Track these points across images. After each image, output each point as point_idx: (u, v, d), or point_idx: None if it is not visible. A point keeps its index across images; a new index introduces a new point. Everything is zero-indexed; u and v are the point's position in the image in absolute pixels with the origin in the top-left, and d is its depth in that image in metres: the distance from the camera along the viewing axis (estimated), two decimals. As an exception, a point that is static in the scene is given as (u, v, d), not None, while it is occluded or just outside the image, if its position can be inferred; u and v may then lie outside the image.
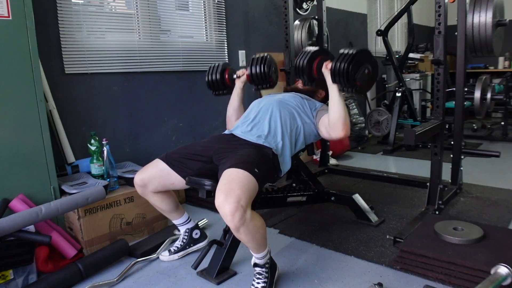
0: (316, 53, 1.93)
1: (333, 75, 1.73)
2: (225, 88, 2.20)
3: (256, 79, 2.08)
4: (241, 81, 2.14)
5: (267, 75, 2.06)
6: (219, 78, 2.15)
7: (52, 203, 1.72)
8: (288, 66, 2.92)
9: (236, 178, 1.43)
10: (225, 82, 2.18)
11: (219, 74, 2.15)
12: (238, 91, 2.16)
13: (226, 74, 2.18)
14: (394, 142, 3.91)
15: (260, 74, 2.06)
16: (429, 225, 1.90)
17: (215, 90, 2.21)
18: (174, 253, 1.94)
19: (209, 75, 2.17)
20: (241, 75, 2.14)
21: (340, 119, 1.75)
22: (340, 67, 1.68)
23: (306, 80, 1.93)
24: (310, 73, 1.92)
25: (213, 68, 2.18)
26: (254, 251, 1.54)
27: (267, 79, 2.07)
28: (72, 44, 2.36)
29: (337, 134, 1.78)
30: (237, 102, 2.15)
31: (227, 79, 2.18)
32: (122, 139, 2.65)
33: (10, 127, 1.80)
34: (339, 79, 1.71)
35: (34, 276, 1.70)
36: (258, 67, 2.05)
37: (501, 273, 1.40)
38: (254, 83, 2.11)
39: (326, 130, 1.85)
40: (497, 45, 2.38)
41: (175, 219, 1.95)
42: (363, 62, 1.73)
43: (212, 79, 2.16)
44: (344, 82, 1.71)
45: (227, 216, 1.35)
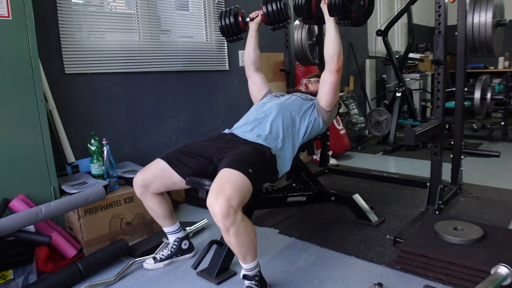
0: None
1: (329, 8, 1.80)
2: (240, 32, 2.17)
3: (272, 17, 2.04)
4: (256, 23, 2.14)
5: (283, 11, 2.01)
6: (233, 22, 2.12)
7: (52, 203, 1.72)
8: (288, 66, 2.92)
9: (228, 178, 1.43)
10: (239, 25, 2.14)
11: (232, 17, 2.12)
12: (253, 33, 2.16)
13: (239, 17, 2.14)
14: (394, 142, 3.91)
15: (276, 11, 2.02)
16: (429, 225, 1.90)
17: (230, 35, 2.18)
18: (160, 261, 1.87)
19: (222, 19, 2.13)
20: (255, 16, 2.14)
21: (335, 54, 1.84)
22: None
23: (306, 16, 1.95)
24: (309, 10, 1.96)
25: (226, 12, 2.14)
26: (242, 259, 1.50)
27: (283, 16, 2.03)
28: (72, 44, 2.36)
29: (332, 68, 1.86)
30: (253, 45, 2.16)
31: (241, 22, 2.14)
32: (122, 139, 2.65)
33: (10, 127, 1.80)
34: (335, 11, 1.78)
35: (34, 276, 1.70)
36: (274, 4, 2.02)
37: (501, 273, 1.40)
38: (270, 22, 2.07)
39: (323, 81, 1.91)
40: (497, 45, 2.38)
41: (167, 226, 1.88)
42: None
43: (226, 24, 2.12)
44: (340, 13, 1.78)
45: (217, 216, 1.35)
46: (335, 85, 1.90)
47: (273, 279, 1.71)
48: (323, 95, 1.93)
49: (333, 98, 1.93)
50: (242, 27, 2.16)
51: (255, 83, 2.22)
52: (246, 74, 2.26)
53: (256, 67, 2.22)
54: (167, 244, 1.92)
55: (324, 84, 1.92)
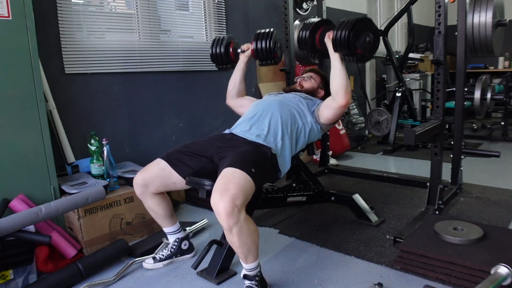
0: (318, 24, 1.94)
1: (334, 43, 1.75)
2: (229, 62, 2.18)
3: (261, 54, 2.06)
4: (246, 56, 2.14)
5: (272, 51, 2.03)
6: (224, 52, 2.13)
7: (52, 203, 1.72)
8: (288, 66, 2.92)
9: (232, 178, 1.43)
10: (230, 56, 2.16)
11: (223, 47, 2.13)
12: (241, 65, 2.15)
13: (231, 47, 2.15)
14: (394, 142, 3.91)
15: (265, 49, 2.04)
16: (429, 225, 1.90)
17: (219, 64, 2.19)
18: (159, 261, 1.87)
19: (214, 48, 2.15)
20: (246, 49, 2.13)
21: (342, 87, 1.78)
22: (341, 34, 1.71)
23: (309, 50, 1.94)
24: (313, 44, 1.93)
25: (218, 41, 2.15)
26: (244, 259, 1.50)
27: (272, 55, 2.05)
28: (72, 44, 2.36)
29: (339, 103, 1.80)
30: (240, 77, 2.15)
31: (232, 53, 2.15)
32: (122, 139, 2.65)
33: (10, 127, 1.80)
34: (341, 47, 1.73)
35: (34, 276, 1.70)
36: (264, 42, 2.04)
37: (501, 273, 1.40)
38: (259, 58, 2.09)
39: (328, 107, 1.86)
40: (497, 45, 2.38)
41: (167, 227, 1.88)
42: (364, 29, 1.74)
43: (216, 52, 2.14)
44: (346, 50, 1.73)
45: (221, 215, 1.35)
46: (338, 115, 1.88)
47: (273, 279, 1.71)
48: (323, 116, 1.90)
49: (332, 121, 1.94)
50: (232, 58, 2.18)
51: (242, 105, 2.18)
52: (228, 102, 2.23)
53: (238, 96, 2.21)
54: (167, 244, 1.92)
55: (327, 110, 1.88)
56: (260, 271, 1.57)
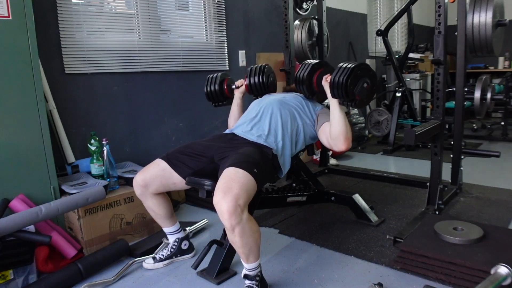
0: (316, 66, 1.94)
1: (332, 90, 1.74)
2: (225, 99, 2.21)
3: (255, 89, 2.10)
4: (240, 92, 2.15)
5: (265, 85, 2.09)
6: (218, 89, 2.16)
7: (52, 203, 1.72)
8: (288, 66, 2.92)
9: (235, 177, 1.43)
10: (224, 93, 2.19)
11: (217, 85, 2.15)
12: (238, 101, 2.16)
13: (225, 84, 2.18)
14: (394, 142, 3.91)
15: (258, 84, 2.08)
16: (429, 225, 1.90)
17: (215, 101, 2.22)
18: (159, 261, 1.87)
19: (208, 86, 2.17)
20: (240, 85, 2.15)
21: (341, 134, 1.75)
22: (338, 81, 1.69)
23: (307, 92, 1.95)
24: (310, 86, 1.94)
25: (211, 79, 2.18)
26: (245, 259, 1.50)
27: (266, 89, 2.10)
28: (72, 44, 2.36)
29: (338, 148, 1.78)
30: (238, 112, 2.15)
31: (226, 90, 2.18)
32: (122, 139, 2.65)
33: (10, 127, 1.80)
34: (338, 93, 1.72)
35: (34, 276, 1.70)
36: (257, 77, 2.09)
37: (501, 273, 1.40)
38: (253, 93, 2.13)
39: (327, 140, 1.84)
40: (497, 45, 2.37)
41: (167, 227, 1.88)
42: (361, 75, 1.72)
43: (211, 90, 2.16)
44: (343, 97, 1.71)
45: (224, 214, 1.35)
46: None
47: (273, 279, 1.71)
48: (323, 141, 1.88)
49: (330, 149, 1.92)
50: (227, 94, 2.19)
51: None
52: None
53: None
54: (167, 244, 1.92)
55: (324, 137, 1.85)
56: (260, 271, 1.57)
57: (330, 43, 3.35)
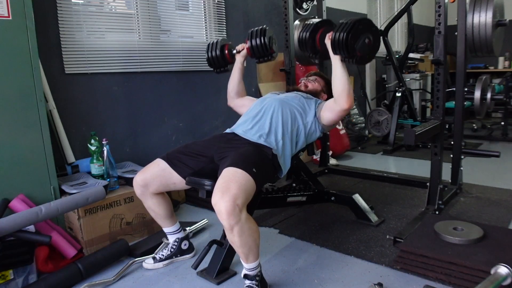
0: (318, 25, 1.92)
1: (333, 46, 1.72)
2: (226, 64, 2.19)
3: (257, 51, 2.06)
4: (242, 56, 2.15)
5: (267, 47, 2.03)
6: (219, 54, 2.14)
7: (52, 203, 1.72)
8: (288, 66, 2.92)
9: (234, 177, 1.43)
10: (226, 58, 2.16)
11: (219, 50, 2.13)
12: (239, 65, 2.16)
13: (226, 49, 2.16)
14: (394, 142, 3.91)
15: (260, 46, 2.04)
16: (429, 225, 1.90)
17: (216, 67, 2.19)
18: (159, 261, 1.87)
19: (209, 52, 2.15)
20: (241, 49, 2.14)
21: (344, 91, 1.76)
22: (339, 37, 1.67)
23: (310, 51, 1.92)
24: (313, 45, 1.91)
25: (212, 45, 2.16)
26: (244, 259, 1.50)
27: (268, 51, 2.05)
28: (72, 44, 2.36)
29: (341, 106, 1.79)
30: (238, 78, 2.17)
31: (227, 54, 2.16)
32: (122, 139, 2.65)
33: (10, 127, 1.80)
34: (340, 50, 1.70)
35: (34, 276, 1.70)
36: (258, 39, 2.04)
37: (501, 273, 1.40)
38: (255, 56, 2.09)
39: (330, 110, 1.85)
40: (497, 45, 2.38)
41: (167, 227, 1.88)
42: (363, 31, 1.70)
43: (212, 56, 2.14)
44: (344, 53, 1.70)
45: (222, 214, 1.35)
46: (340, 118, 1.88)
47: (273, 279, 1.71)
48: (325, 118, 1.89)
49: (334, 122, 1.94)
50: (229, 59, 2.18)
51: (243, 105, 2.19)
52: (229, 104, 2.25)
53: (238, 96, 2.22)
54: (167, 244, 1.92)
55: (330, 112, 1.87)
56: (260, 271, 1.57)
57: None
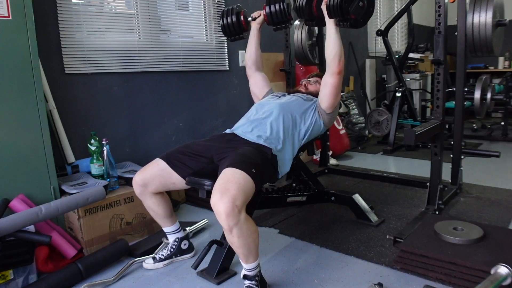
0: None
1: (328, 9, 1.78)
2: (242, 31, 2.16)
3: (275, 17, 2.04)
4: (258, 23, 2.14)
5: (286, 12, 2.02)
6: (235, 21, 2.11)
7: (52, 203, 1.72)
8: (288, 66, 2.92)
9: (232, 178, 1.43)
10: (241, 24, 2.13)
11: (234, 16, 2.11)
12: (255, 32, 2.15)
13: (242, 16, 2.14)
14: (394, 142, 3.90)
15: (279, 11, 2.01)
16: (429, 225, 1.90)
17: (231, 34, 2.17)
18: (159, 261, 1.87)
19: (224, 18, 2.12)
20: (257, 16, 2.13)
21: (337, 55, 1.82)
22: (334, 0, 1.73)
23: (307, 18, 1.95)
24: (310, 11, 1.95)
25: (227, 11, 2.14)
26: (244, 259, 1.50)
27: (286, 17, 2.04)
28: (72, 44, 2.36)
29: (333, 70, 1.85)
30: (255, 45, 2.16)
31: (243, 21, 2.13)
32: (122, 139, 2.65)
33: (10, 127, 1.80)
34: (334, 13, 1.76)
35: (34, 276, 1.70)
36: (277, 5, 2.02)
37: (501, 273, 1.40)
38: (273, 23, 2.07)
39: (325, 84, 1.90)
40: (497, 45, 2.37)
41: (167, 226, 1.88)
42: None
43: (227, 23, 2.11)
44: (339, 16, 1.76)
45: (221, 215, 1.35)
46: (336, 87, 1.89)
47: (273, 279, 1.71)
48: (324, 97, 1.92)
49: (334, 100, 1.92)
50: (244, 26, 2.15)
51: (256, 82, 2.21)
52: (247, 73, 2.25)
53: (257, 66, 2.21)
54: (167, 244, 1.92)
55: (325, 86, 1.91)
56: (260, 271, 1.57)
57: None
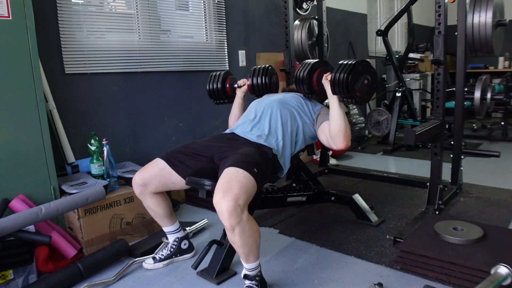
0: (316, 65, 1.97)
1: (332, 86, 1.75)
2: (226, 97, 2.22)
3: (257, 89, 2.13)
4: (242, 91, 2.16)
5: (267, 86, 2.11)
6: (220, 88, 2.17)
7: (52, 203, 1.72)
8: (288, 66, 2.92)
9: (235, 177, 1.43)
10: (226, 91, 2.20)
11: (220, 83, 2.17)
12: (239, 100, 2.17)
13: (227, 83, 2.19)
14: (394, 142, 3.90)
15: (261, 85, 2.11)
16: (429, 225, 1.90)
17: (216, 99, 2.23)
18: (159, 261, 1.87)
19: (210, 84, 2.19)
20: (242, 85, 2.16)
21: (341, 131, 1.75)
22: (339, 77, 1.71)
23: (307, 91, 1.97)
24: (310, 85, 1.96)
25: (214, 77, 2.20)
26: (245, 259, 1.50)
27: (267, 90, 2.12)
28: (72, 44, 2.36)
29: (338, 146, 1.79)
30: (238, 112, 2.16)
31: (228, 88, 2.20)
32: (122, 139, 2.65)
33: (10, 127, 1.80)
34: (339, 90, 1.74)
35: (34, 276, 1.70)
36: (260, 78, 2.11)
37: (501, 273, 1.40)
38: (255, 93, 2.15)
39: (326, 140, 1.85)
40: (497, 45, 2.37)
41: (167, 226, 1.88)
42: (362, 72, 1.75)
43: (213, 88, 2.18)
44: (344, 93, 1.73)
45: (223, 214, 1.35)
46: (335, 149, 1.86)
47: (273, 279, 1.71)
48: (322, 141, 1.89)
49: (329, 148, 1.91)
50: (229, 93, 2.21)
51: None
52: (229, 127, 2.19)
53: None
54: (167, 244, 1.92)
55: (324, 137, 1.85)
56: (260, 271, 1.57)
57: (330, 43, 3.35)
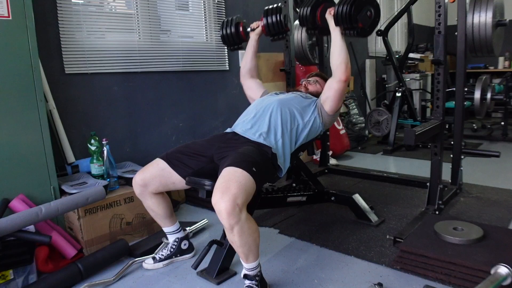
0: (320, 0, 2.00)
1: (336, 17, 1.82)
2: (240, 41, 2.23)
3: (272, 29, 2.10)
4: (256, 33, 2.18)
5: (283, 24, 2.08)
6: (234, 32, 2.18)
7: (52, 203, 1.72)
8: (288, 66, 2.92)
9: (233, 177, 1.43)
10: (240, 35, 2.20)
11: (233, 27, 2.17)
12: (253, 43, 2.20)
13: (241, 27, 2.19)
14: (394, 142, 3.91)
15: (276, 23, 2.08)
16: (429, 225, 1.90)
17: (231, 44, 2.24)
18: (159, 261, 1.87)
19: (224, 29, 2.19)
20: (256, 27, 2.18)
21: (343, 63, 1.84)
22: (343, 8, 1.78)
23: (310, 27, 1.98)
24: (313, 21, 1.99)
25: (227, 22, 2.21)
26: (244, 259, 1.50)
27: (283, 28, 2.09)
28: (72, 44, 2.36)
29: (339, 78, 1.85)
30: (251, 55, 2.21)
31: (242, 32, 2.20)
32: (122, 139, 2.65)
33: (10, 127, 1.80)
34: (342, 21, 1.80)
35: (34, 276, 1.70)
36: (274, 16, 2.08)
37: (501, 273, 1.40)
38: (270, 34, 2.14)
39: (329, 88, 1.91)
40: (497, 45, 2.38)
41: (167, 226, 1.88)
42: (365, 3, 1.81)
43: (227, 33, 2.18)
44: (347, 23, 1.80)
45: (222, 214, 1.35)
46: (340, 93, 1.90)
47: (273, 279, 1.71)
48: (327, 100, 1.93)
49: (336, 104, 1.94)
50: (243, 37, 2.21)
51: (250, 87, 2.25)
52: (241, 80, 2.29)
53: (251, 75, 2.25)
54: (167, 244, 1.92)
55: (329, 90, 1.92)
56: (260, 271, 1.57)
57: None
